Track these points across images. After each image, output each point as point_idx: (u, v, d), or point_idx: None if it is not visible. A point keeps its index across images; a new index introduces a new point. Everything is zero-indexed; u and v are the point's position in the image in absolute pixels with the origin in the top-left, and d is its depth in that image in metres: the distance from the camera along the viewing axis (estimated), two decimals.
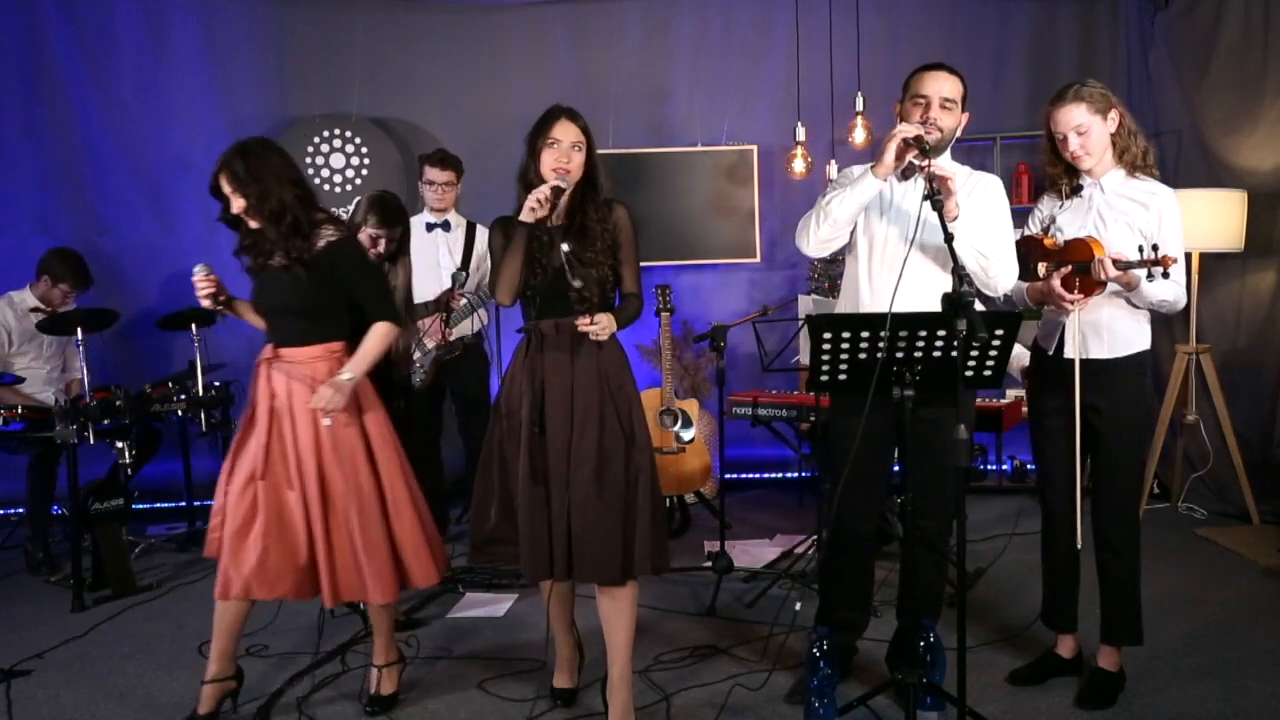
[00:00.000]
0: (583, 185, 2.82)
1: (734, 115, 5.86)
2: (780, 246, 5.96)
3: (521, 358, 2.85)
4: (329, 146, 5.71)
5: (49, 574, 4.53)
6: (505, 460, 2.85)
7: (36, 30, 5.55)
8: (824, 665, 2.80)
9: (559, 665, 3.11)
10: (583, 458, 2.74)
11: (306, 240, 2.91)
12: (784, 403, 4.34)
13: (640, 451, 2.81)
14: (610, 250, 2.83)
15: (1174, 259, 2.69)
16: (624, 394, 2.83)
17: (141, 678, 3.38)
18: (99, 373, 4.95)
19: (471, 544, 2.94)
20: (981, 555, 4.38)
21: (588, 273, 2.76)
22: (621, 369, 2.85)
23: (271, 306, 3.04)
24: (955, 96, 2.85)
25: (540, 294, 2.75)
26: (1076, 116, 2.85)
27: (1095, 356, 2.90)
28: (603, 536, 2.72)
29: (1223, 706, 2.94)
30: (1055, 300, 2.87)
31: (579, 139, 2.78)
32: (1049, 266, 2.90)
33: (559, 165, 2.74)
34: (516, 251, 2.72)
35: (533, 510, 2.75)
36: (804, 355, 4.46)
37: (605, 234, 2.82)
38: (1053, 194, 3.03)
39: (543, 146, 2.78)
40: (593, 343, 2.78)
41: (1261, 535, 4.60)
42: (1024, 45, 5.88)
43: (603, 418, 2.77)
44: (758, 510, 5.41)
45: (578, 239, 2.79)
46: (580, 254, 2.77)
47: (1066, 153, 2.89)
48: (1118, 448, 2.92)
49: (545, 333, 2.79)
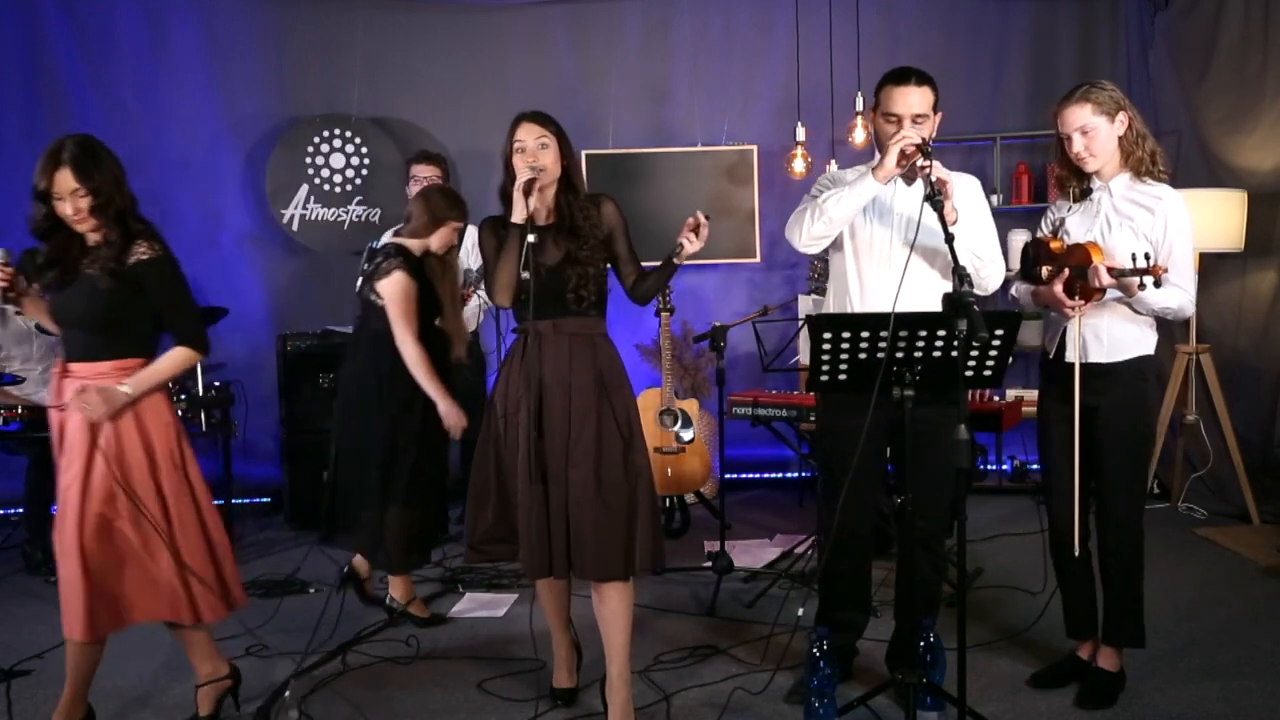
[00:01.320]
0: (561, 183, 2.84)
1: (734, 115, 5.87)
2: (780, 246, 5.95)
3: (518, 359, 2.85)
4: (329, 146, 5.71)
5: (48, 574, 4.51)
6: (501, 460, 2.86)
7: (36, 30, 5.55)
8: (824, 665, 2.80)
9: (557, 664, 3.11)
10: (580, 457, 2.75)
11: (124, 250, 2.75)
12: (784, 403, 4.34)
13: (638, 453, 2.82)
14: (604, 245, 2.85)
15: (1164, 269, 2.69)
16: (620, 395, 2.84)
17: (141, 678, 3.38)
18: None
19: (468, 544, 2.94)
20: (981, 555, 4.38)
21: (585, 270, 2.78)
22: (618, 370, 2.87)
23: (68, 319, 2.78)
24: (926, 110, 2.85)
25: (535, 295, 2.74)
26: (1082, 117, 2.84)
27: (1095, 360, 2.90)
28: (603, 534, 2.73)
29: (1223, 706, 2.94)
30: (1056, 305, 2.88)
31: (542, 135, 2.78)
32: (1051, 271, 2.90)
33: (527, 164, 2.76)
34: (510, 253, 2.73)
35: (532, 509, 2.75)
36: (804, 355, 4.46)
37: (595, 230, 2.83)
38: (1063, 196, 3.03)
39: (512, 154, 2.80)
40: (591, 345, 2.80)
41: (1261, 535, 4.60)
42: (1024, 45, 5.89)
43: (600, 418, 2.78)
44: (758, 510, 5.42)
45: (569, 238, 2.80)
46: (575, 253, 2.78)
47: (1071, 153, 2.89)
48: (1117, 452, 2.91)
49: (542, 333, 2.79)
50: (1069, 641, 3.19)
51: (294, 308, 5.81)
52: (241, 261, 5.84)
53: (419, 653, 3.49)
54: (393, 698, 3.16)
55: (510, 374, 2.86)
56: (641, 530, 2.78)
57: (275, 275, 5.87)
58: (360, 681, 3.27)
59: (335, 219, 5.73)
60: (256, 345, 5.70)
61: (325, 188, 5.71)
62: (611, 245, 2.88)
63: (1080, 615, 3.10)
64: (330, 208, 5.72)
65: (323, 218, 5.72)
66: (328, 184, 5.72)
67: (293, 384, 5.27)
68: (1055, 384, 2.98)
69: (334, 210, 5.72)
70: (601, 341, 2.86)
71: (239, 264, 5.84)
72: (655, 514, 2.85)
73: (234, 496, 4.88)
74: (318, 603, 4.06)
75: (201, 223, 5.79)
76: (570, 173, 2.85)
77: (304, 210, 5.70)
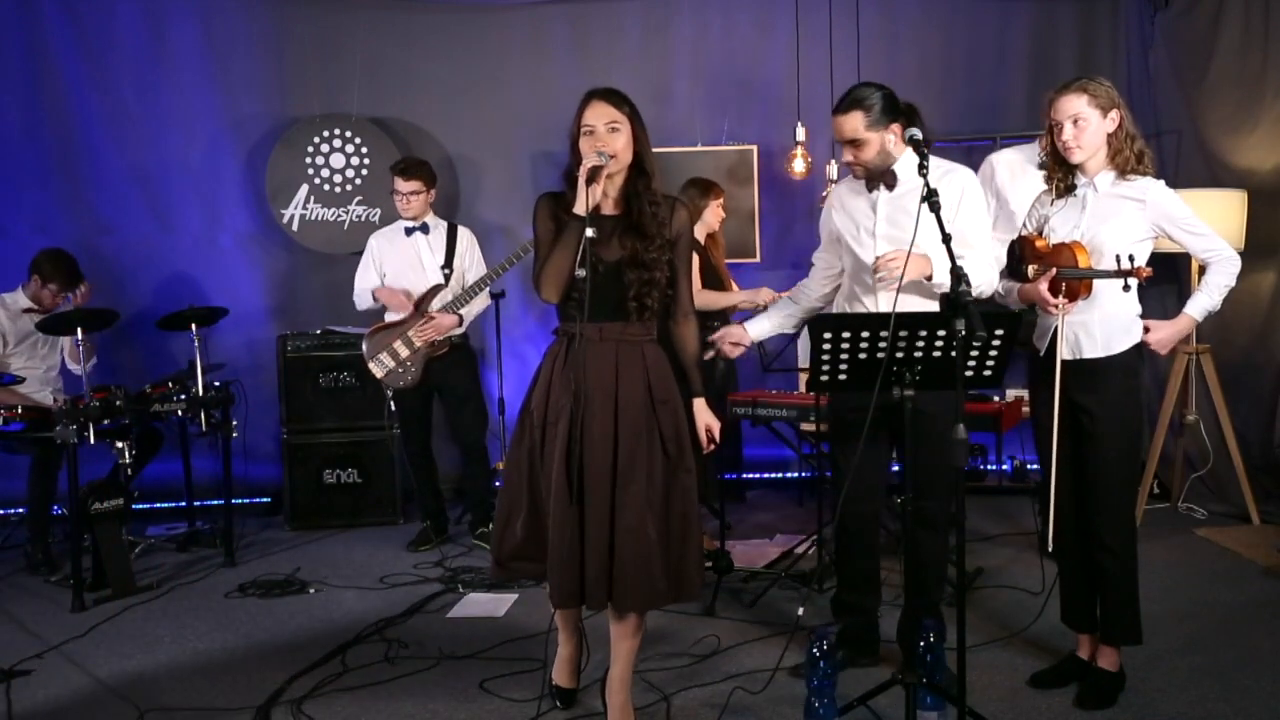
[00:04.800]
0: (631, 171, 2.62)
1: (734, 115, 5.86)
2: (780, 246, 5.96)
3: (559, 364, 2.64)
4: (329, 146, 5.71)
5: (49, 574, 4.53)
6: (535, 473, 2.67)
7: (36, 30, 5.55)
8: (824, 665, 2.80)
9: (559, 663, 3.03)
10: (631, 477, 2.56)
11: None
12: (784, 403, 4.34)
13: (686, 472, 2.65)
14: (669, 247, 2.64)
15: (1148, 270, 2.73)
16: (669, 408, 2.65)
17: (141, 678, 3.38)
18: (99, 373, 4.96)
19: (494, 559, 2.79)
20: (981, 555, 4.38)
21: (652, 275, 2.58)
22: (667, 381, 2.67)
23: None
24: (859, 135, 2.92)
25: (590, 295, 2.50)
26: (1076, 106, 2.84)
27: (1089, 356, 2.91)
28: (647, 565, 2.56)
29: (1223, 706, 2.94)
30: (1040, 303, 2.89)
31: (615, 118, 2.58)
32: (1037, 269, 2.91)
33: (595, 149, 2.55)
34: (566, 246, 2.52)
35: (566, 531, 2.55)
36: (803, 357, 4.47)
37: (663, 229, 2.61)
38: (1047, 192, 3.03)
39: (579, 136, 2.60)
40: (639, 353, 2.61)
41: (1261, 535, 4.60)
42: (1024, 45, 5.88)
43: (649, 434, 2.60)
44: (758, 510, 5.41)
45: (635, 235, 2.59)
46: (641, 254, 2.57)
47: (1059, 141, 2.89)
48: (1109, 447, 2.92)
49: (589, 338, 2.59)
50: (1069, 641, 3.19)
51: (294, 308, 5.81)
52: (241, 261, 5.83)
53: (419, 653, 3.49)
54: (392, 698, 3.16)
55: (549, 381, 2.66)
56: (687, 556, 2.63)
57: (275, 275, 5.86)
58: (360, 682, 3.27)
59: (335, 219, 5.72)
60: (256, 345, 5.70)
61: (325, 188, 5.71)
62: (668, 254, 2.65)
63: (1077, 606, 3.11)
64: (330, 208, 5.72)
65: (323, 218, 5.72)
66: (328, 184, 5.72)
67: (293, 384, 5.27)
68: (1045, 381, 2.99)
69: (334, 210, 5.72)
70: (651, 349, 2.66)
71: (239, 264, 5.83)
72: (699, 538, 2.70)
73: (234, 496, 4.87)
74: (318, 602, 4.07)
75: (201, 223, 5.79)
76: (643, 160, 2.63)
77: (304, 210, 5.70)
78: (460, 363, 4.76)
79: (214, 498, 5.24)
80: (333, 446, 5.27)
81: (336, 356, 5.28)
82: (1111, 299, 2.89)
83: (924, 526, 3.07)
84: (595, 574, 2.57)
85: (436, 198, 4.85)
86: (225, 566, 4.60)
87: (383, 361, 4.60)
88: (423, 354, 4.59)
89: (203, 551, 4.85)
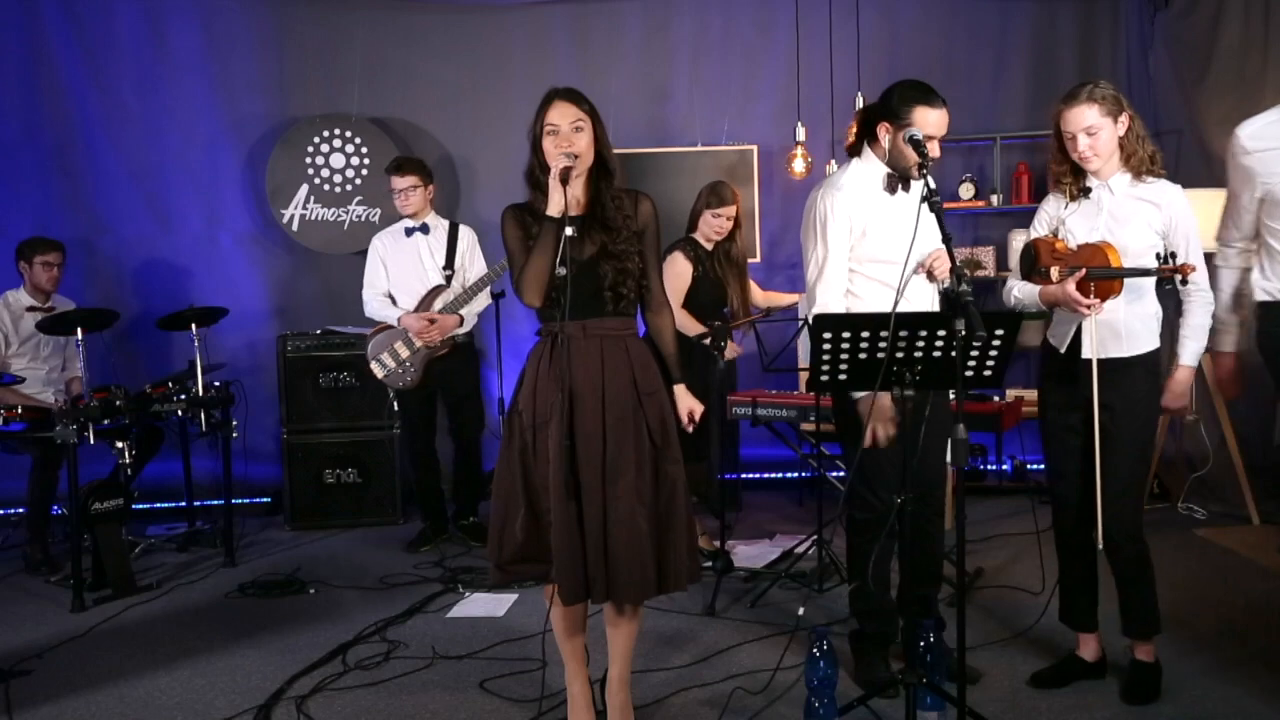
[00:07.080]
0: (595, 170, 2.65)
1: (734, 115, 5.86)
2: (780, 246, 5.96)
3: (546, 363, 2.64)
4: (329, 146, 5.71)
5: (49, 574, 4.53)
6: (529, 474, 2.66)
7: (36, 30, 5.55)
8: (824, 665, 2.80)
9: (575, 706, 2.84)
10: (620, 470, 2.57)
11: None
12: (784, 403, 4.34)
13: (673, 462, 2.66)
14: (636, 239, 2.67)
15: (1193, 267, 2.75)
16: (654, 400, 2.66)
17: (141, 678, 3.38)
18: (99, 373, 4.96)
19: (494, 564, 2.73)
20: (981, 555, 4.38)
21: (624, 265, 2.60)
22: (651, 372, 2.68)
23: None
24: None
25: (569, 294, 2.51)
26: (1089, 117, 2.83)
27: (1114, 356, 2.91)
28: (637, 554, 2.57)
29: (1223, 706, 2.94)
30: (1072, 304, 2.87)
31: (579, 118, 2.59)
32: (1062, 270, 2.90)
33: (561, 150, 2.56)
34: (544, 248, 2.53)
35: (567, 529, 2.56)
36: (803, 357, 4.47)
37: (629, 222, 2.65)
38: (1058, 195, 3.03)
39: (542, 135, 2.62)
40: (623, 346, 2.63)
41: (1261, 535, 4.60)
42: (1024, 45, 5.88)
43: (636, 426, 2.61)
44: (758, 510, 5.41)
45: (602, 230, 2.62)
46: (610, 246, 2.60)
47: (1075, 153, 2.89)
48: (1127, 445, 2.92)
49: (573, 336, 2.60)
50: (1069, 641, 3.19)
51: (294, 308, 5.81)
52: (241, 261, 5.84)
53: (419, 653, 3.49)
54: (392, 698, 3.16)
55: (536, 381, 2.65)
56: (678, 546, 2.63)
57: (275, 275, 5.87)
58: (360, 682, 3.27)
59: (335, 219, 5.73)
60: (256, 345, 5.70)
61: (325, 188, 5.71)
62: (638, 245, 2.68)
63: (1072, 605, 3.11)
64: (330, 208, 5.72)
65: (323, 218, 5.72)
66: (328, 184, 5.72)
67: (293, 384, 5.27)
68: (1064, 380, 2.98)
69: (334, 210, 5.72)
70: (633, 342, 2.67)
71: (239, 264, 5.83)
72: (691, 526, 2.71)
73: (234, 496, 4.87)
74: (318, 602, 4.07)
75: (201, 223, 5.80)
76: (605, 158, 2.65)
77: (304, 210, 5.70)
78: (462, 362, 4.76)
79: (214, 498, 5.25)
80: (333, 446, 5.28)
81: (337, 356, 5.28)
82: (1137, 298, 2.90)
83: (938, 515, 3.22)
84: (595, 569, 2.59)
85: (437, 196, 4.85)
86: (225, 566, 4.60)
87: (383, 362, 4.61)
88: (423, 355, 4.60)
89: (203, 551, 4.85)
